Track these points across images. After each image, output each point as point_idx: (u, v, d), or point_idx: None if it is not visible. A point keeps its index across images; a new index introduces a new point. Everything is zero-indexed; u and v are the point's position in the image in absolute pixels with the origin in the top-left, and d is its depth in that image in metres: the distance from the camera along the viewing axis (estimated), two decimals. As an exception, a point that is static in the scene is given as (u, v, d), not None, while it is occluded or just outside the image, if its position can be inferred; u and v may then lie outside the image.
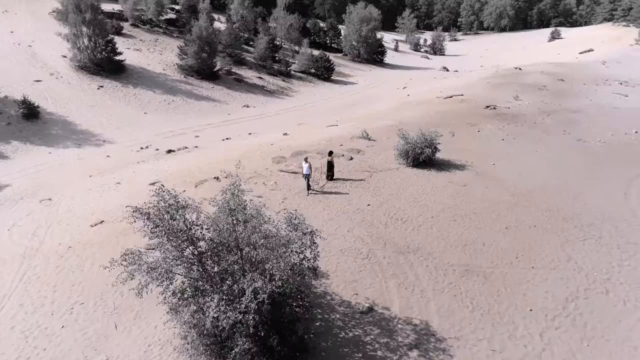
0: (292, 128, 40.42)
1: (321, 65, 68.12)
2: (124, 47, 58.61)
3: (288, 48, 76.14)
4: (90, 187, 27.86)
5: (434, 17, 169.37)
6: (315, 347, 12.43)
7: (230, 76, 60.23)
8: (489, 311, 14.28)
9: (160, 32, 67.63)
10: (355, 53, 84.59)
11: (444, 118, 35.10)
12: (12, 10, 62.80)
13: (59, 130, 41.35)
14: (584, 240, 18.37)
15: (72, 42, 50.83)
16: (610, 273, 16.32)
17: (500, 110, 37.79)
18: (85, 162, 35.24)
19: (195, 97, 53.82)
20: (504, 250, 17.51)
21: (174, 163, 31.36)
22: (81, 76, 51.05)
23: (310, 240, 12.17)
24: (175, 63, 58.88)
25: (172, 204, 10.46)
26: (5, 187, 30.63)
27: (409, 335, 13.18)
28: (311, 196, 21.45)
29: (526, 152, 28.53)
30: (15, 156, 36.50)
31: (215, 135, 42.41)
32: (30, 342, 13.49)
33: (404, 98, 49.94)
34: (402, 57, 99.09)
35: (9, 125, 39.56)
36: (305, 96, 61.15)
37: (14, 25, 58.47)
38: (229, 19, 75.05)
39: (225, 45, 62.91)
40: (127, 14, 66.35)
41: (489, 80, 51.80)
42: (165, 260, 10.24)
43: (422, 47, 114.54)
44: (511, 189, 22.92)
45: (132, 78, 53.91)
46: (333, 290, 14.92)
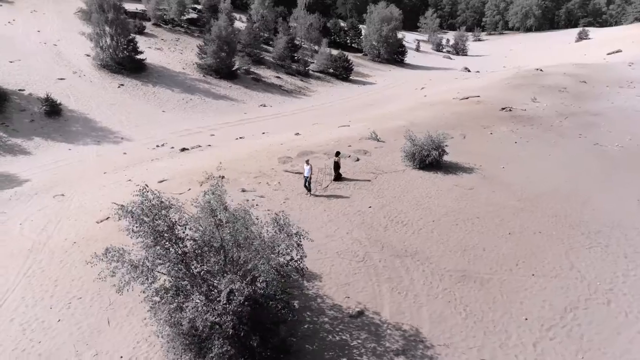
0: (306, 128, 40.46)
1: (340, 65, 67.98)
2: (145, 46, 59.72)
3: (308, 48, 76.21)
4: (103, 184, 28.52)
5: (457, 17, 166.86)
6: (300, 350, 12.42)
7: (248, 75, 60.66)
8: (482, 319, 14.00)
9: (181, 32, 68.61)
10: (376, 53, 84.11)
11: (457, 119, 34.56)
12: (40, 10, 64.67)
13: (80, 128, 42.37)
14: (589, 248, 17.82)
15: (95, 41, 52.07)
16: (614, 283, 15.79)
17: (516, 112, 36.98)
18: (102, 159, 36.05)
19: (213, 96, 54.39)
20: (504, 257, 17.14)
21: (185, 161, 31.82)
22: (103, 75, 52.21)
23: (296, 241, 12.16)
24: (195, 62, 59.62)
25: (156, 204, 10.59)
26: (25, 182, 31.61)
27: (397, 341, 13.03)
28: (313, 197, 21.42)
29: (538, 156, 27.83)
30: (37, 152, 37.53)
31: (230, 134, 42.79)
32: (27, 334, 13.88)
33: (420, 98, 49.41)
34: (423, 57, 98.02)
35: (32, 122, 40.73)
36: (323, 96, 61.15)
37: (42, 25, 60.17)
38: (250, 18, 75.61)
39: (245, 44, 63.41)
40: (150, 14, 67.55)
41: (508, 81, 50.77)
42: (148, 259, 10.38)
43: (444, 47, 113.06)
44: (518, 193, 22.41)
45: (152, 77, 54.86)
46: (325, 292, 14.86)
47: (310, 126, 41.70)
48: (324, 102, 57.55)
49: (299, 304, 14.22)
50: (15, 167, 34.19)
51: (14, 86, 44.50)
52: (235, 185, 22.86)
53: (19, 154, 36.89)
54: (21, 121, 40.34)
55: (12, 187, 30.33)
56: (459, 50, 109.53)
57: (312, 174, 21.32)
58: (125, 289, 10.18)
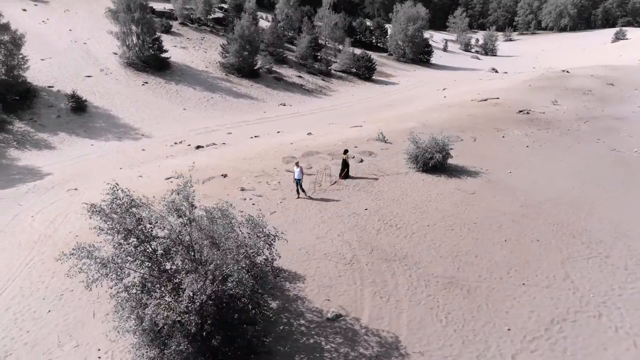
0: (320, 128, 40.49)
1: (362, 65, 67.64)
2: (170, 45, 61.05)
3: (332, 47, 76.18)
4: (114, 179, 29.33)
5: (488, 17, 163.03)
6: (271, 351, 12.47)
7: (270, 74, 61.14)
8: (463, 327, 13.70)
9: (207, 31, 69.75)
10: (401, 53, 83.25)
11: (471, 122, 33.86)
12: (73, 9, 66.97)
13: (103, 124, 43.70)
14: (588, 258, 17.16)
15: (122, 40, 53.51)
16: (609, 296, 15.15)
17: (534, 115, 35.91)
18: (121, 155, 37.09)
19: (233, 95, 55.07)
20: (496, 264, 16.71)
21: (197, 159, 32.33)
22: (128, 72, 53.66)
23: (267, 242, 12.24)
24: (218, 61, 60.53)
25: (126, 202, 10.86)
26: (47, 175, 32.90)
27: (372, 347, 12.91)
28: (308, 198, 21.42)
29: (550, 161, 26.95)
30: (62, 147, 38.93)
31: (247, 132, 43.25)
32: (18, 323, 14.46)
33: (440, 100, 48.67)
34: (450, 57, 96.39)
35: (58, 118, 42.27)
36: (343, 96, 61.02)
37: (73, 24, 62.30)
38: (275, 18, 76.18)
39: (268, 43, 63.90)
40: (177, 13, 68.94)
41: (531, 83, 49.33)
42: (117, 256, 10.65)
43: (473, 48, 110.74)
44: (522, 199, 21.78)
45: (176, 75, 56.02)
46: (306, 294, 14.87)
47: (325, 126, 41.71)
48: (343, 102, 57.43)
49: (278, 305, 14.31)
50: (41, 161, 35.63)
51: (43, 83, 46.30)
52: (236, 183, 23.14)
53: (44, 148, 38.35)
54: (48, 117, 41.94)
55: (34, 180, 31.62)
56: (488, 51, 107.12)
57: (302, 177, 21.12)
58: (94, 284, 10.47)
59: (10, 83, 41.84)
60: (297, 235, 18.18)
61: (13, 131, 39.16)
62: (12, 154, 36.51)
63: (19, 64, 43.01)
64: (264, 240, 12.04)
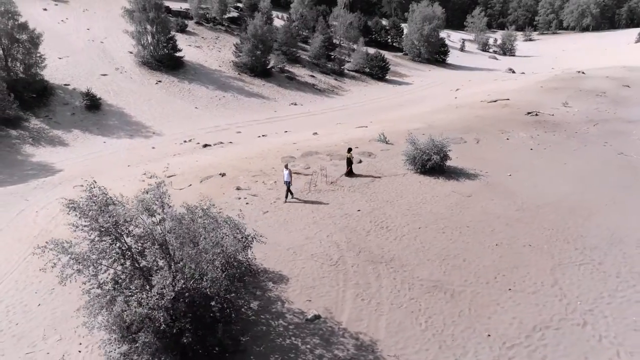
0: (327, 128, 40.52)
1: (375, 65, 67.36)
2: (185, 44, 61.80)
3: (346, 47, 76.04)
4: (121, 177, 29.90)
5: (508, 16, 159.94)
6: (246, 350, 12.61)
7: (282, 74, 61.40)
8: (442, 332, 13.60)
9: (222, 30, 70.40)
10: (416, 52, 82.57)
11: (477, 123, 33.43)
12: (91, 9, 68.38)
13: (116, 122, 44.54)
14: (580, 265, 16.80)
15: (137, 39, 54.41)
16: (597, 304, 14.82)
17: (543, 117, 35.22)
18: (131, 153, 37.74)
19: (245, 94, 55.46)
20: (484, 268, 16.51)
21: (202, 157, 32.71)
22: (143, 71, 54.55)
23: (244, 244, 12.38)
24: (231, 60, 61.04)
25: (101, 200, 11.11)
26: (58, 171, 33.78)
27: (348, 349, 12.92)
28: (304, 197, 21.49)
29: (553, 164, 26.42)
30: (75, 144, 39.85)
31: (256, 131, 43.54)
32: (9, 316, 14.92)
33: (451, 100, 48.14)
34: (467, 57, 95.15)
35: (73, 115, 43.28)
36: (355, 96, 60.89)
37: (91, 23, 63.61)
38: (289, 17, 76.44)
39: (281, 43, 64.16)
40: (193, 12, 69.74)
41: (543, 84, 48.37)
42: (92, 252, 10.92)
43: (491, 47, 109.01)
44: (519, 202, 21.43)
45: (189, 74, 56.69)
46: (288, 295, 14.95)
47: (332, 126, 41.73)
48: (355, 102, 57.32)
49: (258, 305, 14.43)
50: (54, 158, 36.55)
51: (60, 81, 47.43)
52: (233, 183, 23.36)
53: (58, 145, 39.32)
54: (63, 114, 42.97)
55: (46, 176, 32.51)
56: (506, 51, 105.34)
57: (291, 179, 20.95)
58: (68, 280, 10.76)
59: (27, 81, 42.95)
60: (287, 235, 18.29)
61: (29, 128, 40.24)
62: (27, 150, 37.54)
63: (36, 63, 44.11)
64: (239, 241, 12.11)
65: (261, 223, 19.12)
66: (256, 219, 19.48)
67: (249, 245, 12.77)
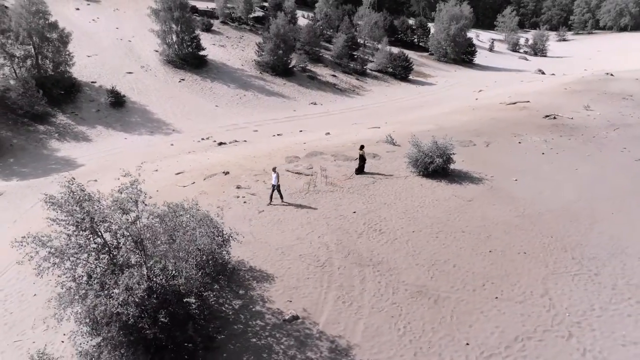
0: (341, 128, 40.45)
1: (399, 65, 66.66)
2: (210, 43, 62.78)
3: (370, 46, 75.61)
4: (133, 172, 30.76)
5: (541, 15, 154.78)
6: (219, 347, 12.79)
7: (304, 73, 61.58)
8: (419, 338, 13.43)
9: (246, 30, 71.15)
10: (442, 52, 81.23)
11: (490, 125, 32.67)
12: (122, 8, 70.32)
13: (138, 119, 45.77)
14: (575, 275, 16.23)
15: (162, 38, 55.64)
16: (586, 316, 14.30)
17: (561, 120, 34.06)
18: (150, 149, 38.71)
19: (266, 93, 55.93)
20: (474, 275, 16.18)
21: (214, 155, 33.27)
22: (167, 69, 55.78)
23: (219, 243, 12.56)
24: (254, 59, 61.63)
25: (79, 196, 11.50)
26: (80, 166, 35.09)
27: (321, 352, 12.93)
28: (302, 198, 21.57)
29: (563, 170, 25.53)
30: (98, 140, 41.20)
31: (271, 130, 43.89)
32: (6, 304, 15.64)
33: (471, 102, 47.20)
34: (495, 57, 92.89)
35: (97, 112, 44.74)
36: (376, 96, 60.48)
37: (121, 22, 65.45)
38: (314, 16, 76.59)
39: (304, 42, 64.37)
40: (219, 12, 70.75)
41: (568, 86, 46.72)
42: (68, 247, 11.33)
43: (522, 48, 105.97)
44: (521, 209, 20.84)
45: (212, 72, 57.60)
46: (270, 294, 15.06)
47: (347, 126, 41.61)
48: (375, 102, 56.95)
49: (239, 304, 14.59)
50: (77, 153, 37.95)
51: (87, 78, 49.06)
52: (235, 181, 23.67)
53: (82, 140, 40.74)
54: (89, 110, 44.47)
55: (67, 170, 33.74)
56: (538, 51, 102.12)
57: (279, 182, 20.73)
58: (45, 273, 11.19)
59: (56, 78, 44.58)
60: (279, 235, 18.42)
61: (56, 123, 41.82)
62: (52, 145, 39.02)
63: (65, 61, 45.69)
64: (213, 240, 12.30)
65: (255, 222, 19.34)
66: (251, 217, 19.71)
67: (223, 245, 12.93)
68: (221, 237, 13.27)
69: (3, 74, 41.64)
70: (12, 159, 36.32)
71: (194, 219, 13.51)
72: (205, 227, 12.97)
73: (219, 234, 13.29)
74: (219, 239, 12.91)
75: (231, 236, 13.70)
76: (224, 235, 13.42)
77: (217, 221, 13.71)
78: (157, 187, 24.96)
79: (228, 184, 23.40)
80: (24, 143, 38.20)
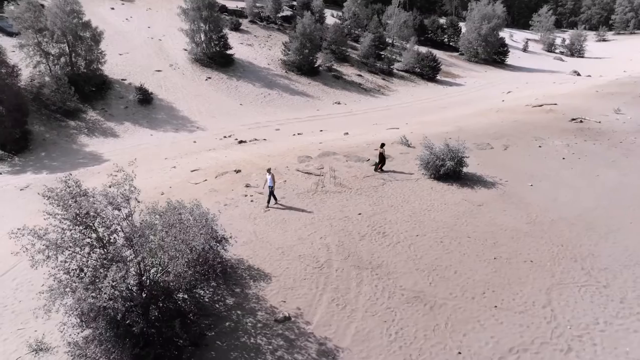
0: (361, 128, 40.21)
1: (426, 65, 65.66)
2: (237, 42, 63.59)
3: (399, 46, 74.79)
4: (153, 169, 31.52)
5: (580, 15, 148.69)
6: (209, 344, 12.95)
7: (329, 72, 61.53)
8: (410, 345, 13.20)
9: (274, 29, 71.67)
10: (473, 52, 79.42)
11: (512, 128, 31.71)
12: (154, 7, 72.12)
13: (164, 116, 46.84)
14: (582, 286, 15.57)
15: (191, 37, 56.72)
16: (589, 330, 13.70)
17: (587, 124, 32.70)
18: (174, 146, 39.55)
19: (290, 92, 56.18)
20: (474, 283, 15.77)
21: (232, 153, 33.68)
22: (194, 68, 56.82)
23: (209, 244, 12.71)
24: (280, 58, 62.03)
25: (75, 191, 11.86)
26: (105, 161, 36.18)
27: (309, 354, 12.90)
28: (309, 198, 21.56)
29: (583, 175, 24.51)
30: (125, 135, 42.38)
31: (293, 129, 44.05)
32: (16, 293, 16.31)
33: (496, 104, 45.99)
34: (529, 58, 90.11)
35: (126, 109, 46.03)
36: (401, 96, 59.80)
37: (153, 21, 67.12)
38: (342, 16, 76.38)
39: (330, 41, 64.32)
40: (248, 11, 71.53)
41: (599, 88, 44.82)
42: (62, 240, 11.71)
43: (557, 48, 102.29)
44: (533, 215, 20.15)
45: (238, 71, 58.30)
46: (265, 294, 15.13)
47: (367, 126, 41.33)
48: (399, 103, 56.33)
49: (234, 302, 14.73)
50: (104, 148, 39.17)
51: (118, 76, 50.53)
52: (244, 180, 23.89)
53: (109, 136, 42.01)
54: (118, 107, 45.81)
55: (93, 165, 34.98)
56: (574, 52, 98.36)
57: (274, 184, 20.51)
58: (39, 265, 11.60)
59: (88, 75, 46.15)
60: (281, 234, 18.48)
61: (86, 119, 43.27)
62: (82, 140, 40.41)
63: (97, 59, 47.24)
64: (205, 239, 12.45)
65: (260, 221, 19.47)
66: (256, 216, 19.86)
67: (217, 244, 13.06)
68: (214, 237, 13.41)
69: (39, 71, 43.48)
70: (43, 152, 37.78)
71: (191, 217, 13.72)
72: (199, 226, 13.12)
73: (213, 234, 13.44)
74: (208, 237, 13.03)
75: (224, 237, 13.84)
76: (217, 236, 13.56)
77: (212, 220, 13.85)
78: (171, 183, 25.52)
79: (238, 182, 23.64)
80: (55, 138, 39.67)
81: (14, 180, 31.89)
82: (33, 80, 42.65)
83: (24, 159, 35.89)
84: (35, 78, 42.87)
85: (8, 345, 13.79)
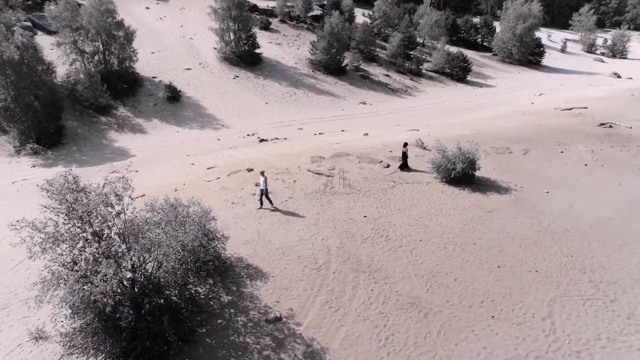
0: (383, 129, 39.87)
1: (456, 65, 64.37)
2: (266, 41, 64.20)
3: (430, 45, 73.66)
4: (172, 165, 32.27)
5: (625, 14, 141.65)
6: (197, 341, 13.16)
7: (356, 72, 61.28)
8: (398, 352, 13.01)
9: (304, 28, 71.95)
10: (506, 53, 77.22)
11: (535, 132, 30.64)
12: (187, 7, 73.66)
13: (191, 113, 47.87)
14: (587, 299, 14.91)
15: (220, 36, 57.72)
16: (589, 346, 13.10)
17: (617, 129, 31.19)
18: (198, 143, 40.38)
19: (316, 91, 56.29)
20: (474, 291, 15.37)
21: (251, 152, 34.09)
22: (223, 66, 57.77)
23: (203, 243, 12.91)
24: (307, 58, 62.24)
25: (72, 186, 12.30)
26: (132, 157, 37.33)
27: (296, 355, 12.90)
28: (316, 198, 21.55)
29: (604, 183, 23.40)
30: (152, 132, 43.59)
31: (316, 129, 44.16)
32: (28, 281, 16.95)
33: (525, 106, 44.57)
34: (567, 59, 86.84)
35: (155, 106, 47.34)
36: (429, 97, 58.88)
37: (185, 20, 68.61)
38: (372, 15, 75.86)
39: (359, 41, 64.04)
40: (278, 11, 72.09)
41: (637, 92, 42.68)
42: (59, 234, 12.17)
43: (598, 49, 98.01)
44: (544, 223, 19.42)
45: (265, 70, 58.87)
46: (260, 293, 15.24)
47: (389, 127, 40.94)
48: (426, 104, 55.49)
49: (228, 300, 14.92)
50: (132, 144, 40.41)
51: (149, 74, 51.99)
52: (255, 178, 24.07)
53: (138, 132, 43.29)
54: (147, 104, 47.15)
55: (119, 160, 36.14)
56: (616, 53, 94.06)
57: (267, 187, 20.41)
58: (37, 256, 12.10)
59: (120, 73, 47.77)
60: (283, 234, 18.57)
61: (116, 115, 44.74)
62: (111, 136, 41.82)
63: (129, 57, 48.81)
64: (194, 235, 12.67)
65: (264, 220, 19.63)
66: (261, 215, 20.02)
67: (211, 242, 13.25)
68: (206, 234, 13.63)
69: (75, 69, 45.33)
70: (75, 147, 39.29)
71: (189, 216, 13.99)
72: (191, 223, 13.37)
73: (205, 231, 13.66)
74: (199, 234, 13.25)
75: (215, 235, 14.03)
76: (209, 234, 13.76)
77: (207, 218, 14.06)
78: (186, 180, 26.07)
79: (249, 180, 23.90)
80: (86, 133, 41.19)
81: (45, 173, 33.26)
82: (69, 77, 44.55)
83: (57, 152, 37.42)
84: (70, 75, 44.74)
85: (13, 331, 14.45)
